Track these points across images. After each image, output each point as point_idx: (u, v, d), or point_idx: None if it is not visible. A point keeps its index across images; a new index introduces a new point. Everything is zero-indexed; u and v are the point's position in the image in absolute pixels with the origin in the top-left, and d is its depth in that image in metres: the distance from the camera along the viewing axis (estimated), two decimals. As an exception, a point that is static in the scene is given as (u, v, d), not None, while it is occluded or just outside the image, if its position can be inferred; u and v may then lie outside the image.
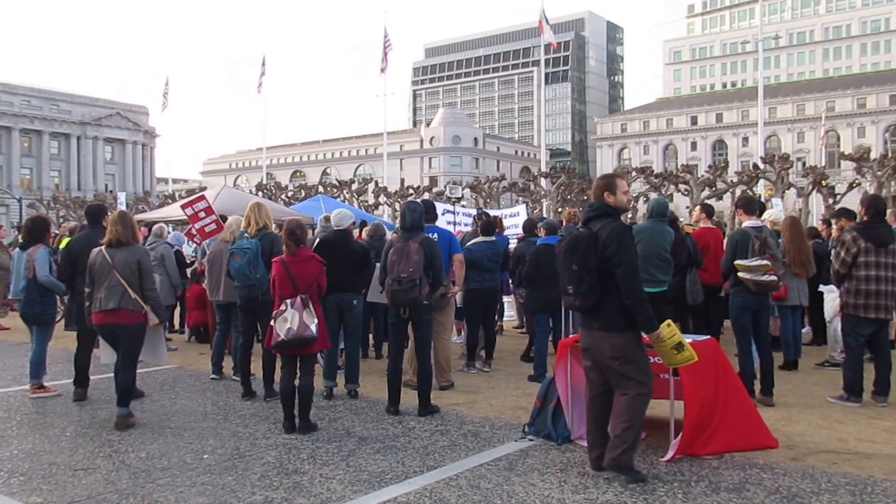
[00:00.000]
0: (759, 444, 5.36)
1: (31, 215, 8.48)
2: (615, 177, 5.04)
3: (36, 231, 7.51)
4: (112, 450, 5.48)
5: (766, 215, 8.90)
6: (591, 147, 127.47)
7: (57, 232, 14.29)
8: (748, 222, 7.15)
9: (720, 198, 41.88)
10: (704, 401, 5.17)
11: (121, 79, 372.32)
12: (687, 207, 39.32)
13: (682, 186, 41.45)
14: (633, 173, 44.36)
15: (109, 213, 7.25)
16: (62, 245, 10.59)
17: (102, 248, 6.25)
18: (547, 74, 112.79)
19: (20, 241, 7.83)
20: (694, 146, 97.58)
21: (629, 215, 40.12)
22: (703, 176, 42.03)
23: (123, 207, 26.28)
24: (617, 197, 4.84)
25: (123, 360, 6.25)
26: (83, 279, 6.98)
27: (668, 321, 4.73)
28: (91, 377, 7.38)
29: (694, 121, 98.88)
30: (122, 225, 6.22)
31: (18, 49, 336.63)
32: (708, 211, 9.66)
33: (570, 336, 6.49)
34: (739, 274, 6.87)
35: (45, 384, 7.42)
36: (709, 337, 6.04)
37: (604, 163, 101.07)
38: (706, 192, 40.38)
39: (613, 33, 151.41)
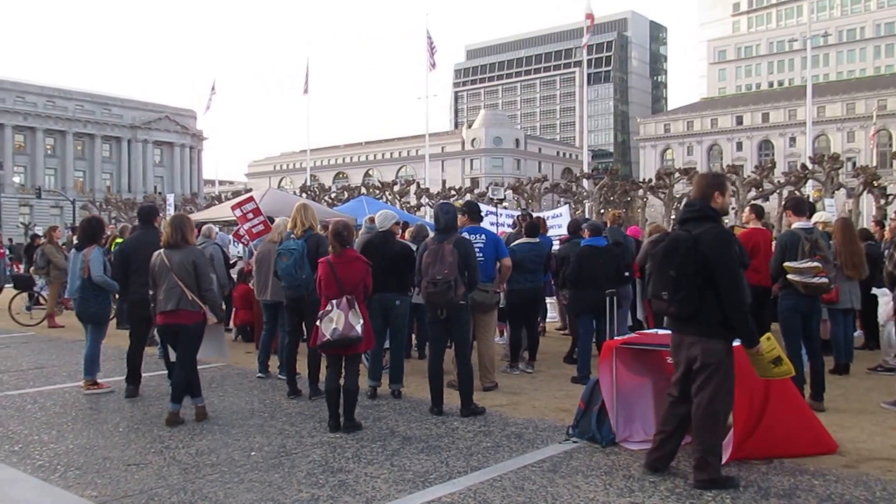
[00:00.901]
0: (816, 449, 5.21)
1: (86, 217, 8.73)
2: (725, 177, 4.82)
3: (91, 232, 7.73)
4: (163, 445, 5.61)
5: (816, 216, 8.70)
6: (633, 148, 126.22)
7: (108, 233, 14.67)
8: (798, 224, 6.99)
9: (766, 199, 41.06)
10: (753, 405, 5.08)
11: (169, 83, 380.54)
12: (732, 208, 38.62)
13: (727, 187, 40.63)
14: (677, 174, 43.73)
15: (160, 215, 7.44)
16: (113, 246, 10.89)
17: (162, 250, 6.41)
18: (589, 75, 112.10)
19: (75, 242, 8.06)
20: (739, 146, 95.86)
21: (672, 216, 39.69)
22: (749, 176, 41.23)
23: (172, 209, 26.89)
24: (725, 199, 4.63)
25: (181, 358, 6.40)
26: (136, 279, 7.20)
27: (768, 334, 4.56)
28: (142, 374, 7.57)
29: (739, 120, 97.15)
30: (174, 227, 6.38)
31: (73, 55, 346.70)
32: (758, 211, 9.46)
33: (615, 338, 6.43)
34: (789, 276, 6.73)
35: (99, 381, 7.63)
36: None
37: (646, 164, 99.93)
38: (752, 193, 39.58)
39: (657, 33, 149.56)
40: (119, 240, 12.25)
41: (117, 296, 7.76)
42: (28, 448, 5.53)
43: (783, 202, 8.29)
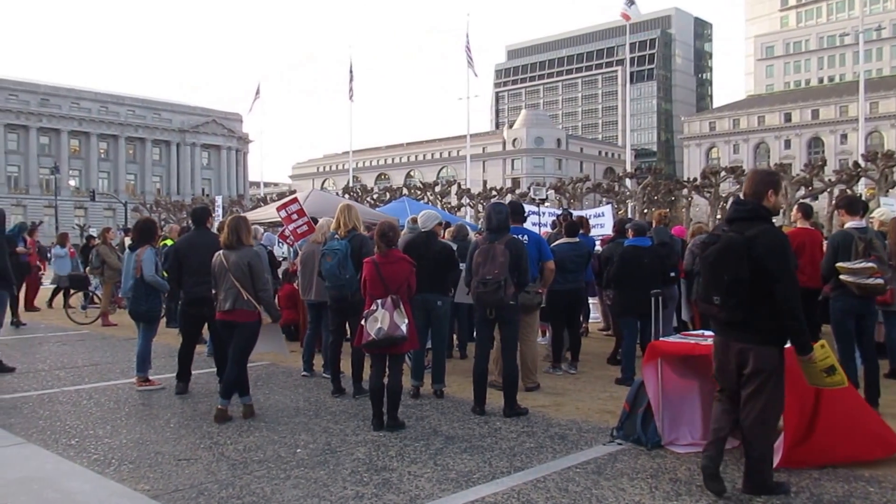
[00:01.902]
0: (880, 451, 5.03)
1: (140, 218, 8.95)
2: (779, 175, 4.60)
3: (144, 233, 7.93)
4: (212, 441, 5.73)
5: (877, 213, 8.47)
6: (677, 147, 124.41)
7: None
8: (851, 223, 6.82)
9: (815, 198, 40.07)
10: (805, 410, 4.96)
11: (216, 87, 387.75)
12: (781, 207, 37.78)
13: (775, 186, 39.77)
14: (723, 173, 42.96)
15: (213, 216, 7.61)
16: (162, 246, 11.15)
17: (221, 251, 6.56)
18: (632, 73, 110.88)
19: (129, 242, 8.27)
20: (787, 144, 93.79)
21: (717, 215, 38.99)
22: (798, 175, 40.29)
23: (220, 210, 27.43)
24: (777, 198, 4.43)
25: (234, 355, 6.52)
26: (189, 278, 7.37)
27: (823, 342, 4.36)
28: (192, 372, 7.74)
29: (787, 118, 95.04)
30: (230, 229, 6.51)
31: (124, 61, 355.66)
32: (805, 211, 9.25)
33: (660, 339, 6.36)
34: (842, 277, 6.56)
35: (150, 378, 7.83)
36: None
37: (691, 162, 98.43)
38: (801, 192, 38.67)
39: (701, 30, 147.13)
40: (168, 241, 12.55)
41: (166, 295, 7.95)
42: (84, 442, 5.70)
43: (834, 201, 8.04)
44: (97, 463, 5.18)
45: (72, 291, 15.39)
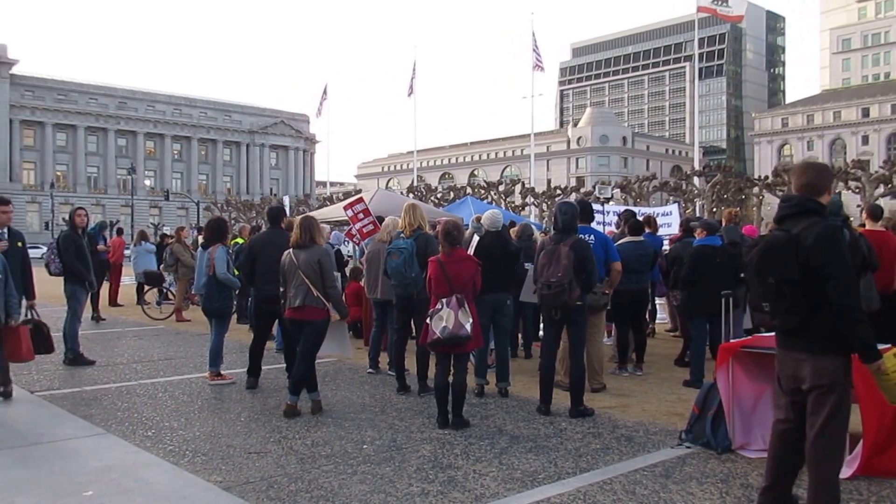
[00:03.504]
0: None
1: (212, 217, 9.20)
2: (829, 170, 4.21)
3: (216, 232, 8.15)
4: (281, 436, 5.86)
5: None
6: (748, 144, 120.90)
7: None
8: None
9: (895, 196, 38.34)
10: (885, 414, 4.76)
11: (284, 89, 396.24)
12: (858, 206, 36.29)
13: (852, 183, 38.28)
14: (797, 170, 41.47)
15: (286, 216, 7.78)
16: (233, 244, 11.46)
17: (291, 249, 6.70)
18: (701, 69, 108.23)
19: (201, 241, 8.53)
20: (865, 140, 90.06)
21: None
22: (876, 172, 38.62)
23: (288, 210, 28.08)
24: (830, 192, 4.02)
25: (302, 352, 6.65)
26: (262, 276, 7.57)
27: (895, 350, 3.92)
28: (262, 368, 7.93)
29: (865, 112, 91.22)
30: (303, 228, 6.64)
31: (198, 63, 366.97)
32: (874, 213, 8.64)
33: (731, 341, 6.19)
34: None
35: (222, 372, 8.06)
36: (889, 346, 5.55)
37: (762, 160, 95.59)
38: (880, 190, 37.09)
39: (774, 23, 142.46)
40: (239, 239, 12.89)
41: (238, 292, 8.17)
42: (160, 433, 5.91)
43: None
44: (172, 454, 5.36)
45: (146, 288, 15.96)
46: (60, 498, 4.49)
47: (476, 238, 7.04)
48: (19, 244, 7.64)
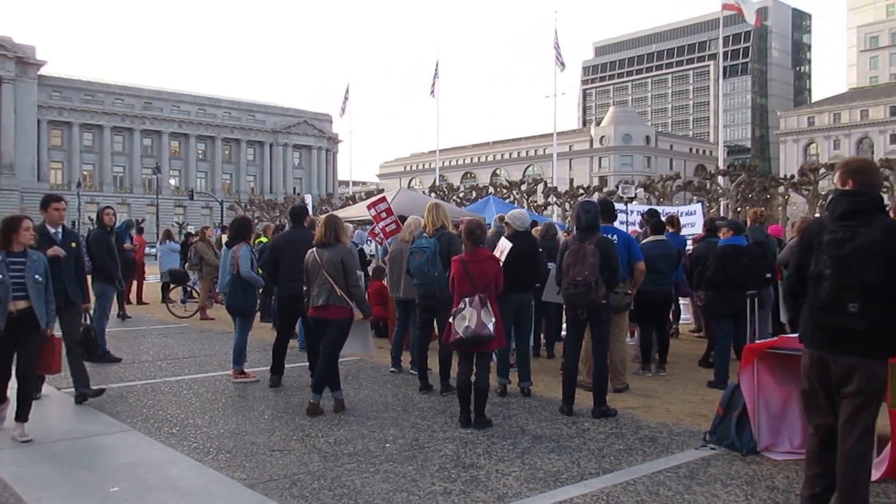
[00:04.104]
0: None
1: (236, 216, 9.26)
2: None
3: (240, 231, 8.22)
4: (304, 434, 5.90)
5: None
6: (773, 143, 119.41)
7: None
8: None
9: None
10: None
11: (307, 88, 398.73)
12: (886, 205, 35.67)
13: (881, 183, 37.61)
14: (822, 170, 40.95)
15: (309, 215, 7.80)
16: (257, 243, 11.54)
17: (314, 248, 6.73)
18: (725, 68, 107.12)
19: (225, 240, 8.59)
20: (893, 139, 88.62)
21: (815, 214, 37.16)
22: (907, 171, 37.97)
23: (311, 209, 28.25)
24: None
25: (325, 351, 6.68)
26: (285, 274, 7.61)
27: None
28: (285, 366, 7.97)
29: (894, 111, 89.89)
30: (328, 227, 6.67)
31: (222, 63, 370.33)
32: None
33: (756, 342, 6.12)
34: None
35: (246, 370, 8.12)
36: None
37: (787, 159, 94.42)
38: (910, 189, 36.46)
39: (800, 21, 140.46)
40: (263, 238, 12.98)
41: (261, 290, 8.21)
42: (184, 431, 5.97)
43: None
44: (196, 451, 5.41)
45: (171, 286, 16.12)
46: (87, 494, 4.55)
47: (507, 244, 6.88)
48: (73, 244, 7.08)
